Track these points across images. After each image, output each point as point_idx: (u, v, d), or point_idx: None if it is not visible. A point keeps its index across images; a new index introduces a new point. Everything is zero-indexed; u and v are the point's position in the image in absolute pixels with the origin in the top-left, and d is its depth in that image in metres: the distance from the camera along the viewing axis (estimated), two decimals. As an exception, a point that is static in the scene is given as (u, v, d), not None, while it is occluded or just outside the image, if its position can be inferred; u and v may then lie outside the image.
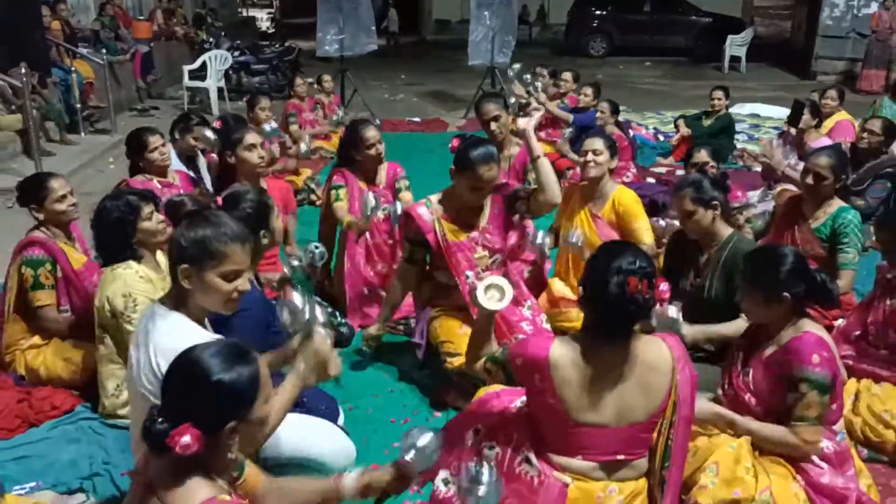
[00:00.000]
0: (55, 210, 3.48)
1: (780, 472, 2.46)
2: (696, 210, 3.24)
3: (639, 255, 2.11)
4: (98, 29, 11.23)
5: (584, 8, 19.03)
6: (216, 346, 1.70)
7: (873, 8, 13.99)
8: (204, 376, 1.62)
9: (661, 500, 2.21)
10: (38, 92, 7.94)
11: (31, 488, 2.83)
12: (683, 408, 2.15)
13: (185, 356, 1.68)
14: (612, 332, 2.15)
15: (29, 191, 3.51)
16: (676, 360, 2.16)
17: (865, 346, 3.25)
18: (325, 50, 11.14)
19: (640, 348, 2.16)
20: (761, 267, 2.58)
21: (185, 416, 1.57)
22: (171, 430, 1.55)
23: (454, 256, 3.39)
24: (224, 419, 1.63)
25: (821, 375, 2.40)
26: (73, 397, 3.36)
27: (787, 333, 2.54)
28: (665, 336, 2.26)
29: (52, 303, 3.45)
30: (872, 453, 3.03)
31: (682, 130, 7.92)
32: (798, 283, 2.51)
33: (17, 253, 3.45)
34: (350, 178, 4.34)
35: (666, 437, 2.18)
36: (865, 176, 5.39)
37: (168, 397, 1.65)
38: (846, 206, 3.77)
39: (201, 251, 2.08)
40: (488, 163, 3.23)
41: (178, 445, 1.54)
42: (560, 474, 2.20)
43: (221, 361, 1.64)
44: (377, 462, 3.01)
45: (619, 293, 2.03)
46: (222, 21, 17.28)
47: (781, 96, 12.34)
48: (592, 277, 2.12)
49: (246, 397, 1.66)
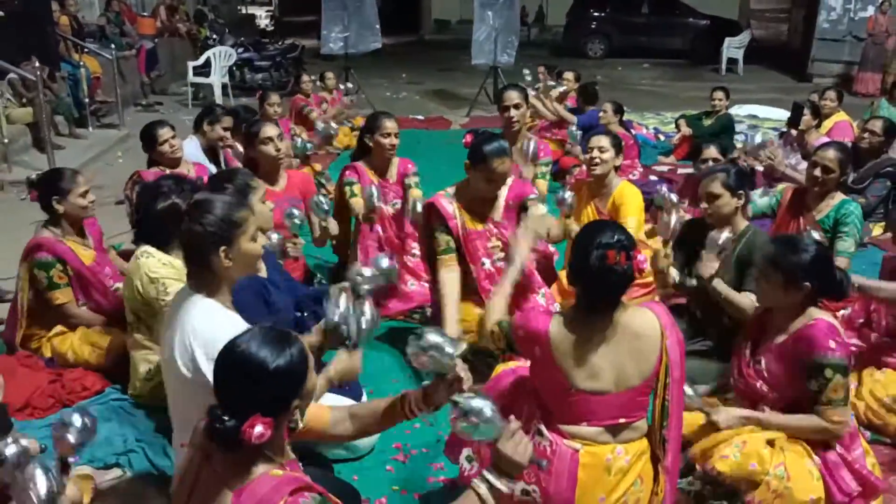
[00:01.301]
0: (77, 204, 3.54)
1: (795, 450, 2.56)
2: (723, 195, 3.32)
3: (617, 230, 2.27)
4: (104, 24, 11.32)
5: (583, 9, 19.14)
6: (258, 335, 1.72)
7: (870, 11, 14.14)
8: (262, 368, 1.65)
9: (663, 457, 2.35)
10: (48, 86, 8.01)
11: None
12: (675, 369, 2.29)
13: (234, 352, 1.69)
14: (599, 304, 2.29)
15: (53, 183, 3.54)
16: (664, 326, 2.30)
17: (868, 333, 3.39)
18: (330, 48, 11.21)
19: (628, 318, 2.30)
20: (788, 251, 2.65)
21: (252, 409, 1.62)
22: (240, 424, 1.60)
23: (472, 244, 3.57)
24: (288, 401, 1.71)
25: (840, 359, 2.53)
26: (103, 380, 3.45)
27: (798, 322, 2.64)
28: (651, 305, 2.41)
29: (71, 300, 3.54)
30: (875, 435, 3.18)
31: (684, 130, 8.04)
32: (819, 275, 2.61)
33: (26, 256, 3.51)
34: (361, 171, 4.44)
35: (662, 398, 2.32)
36: (866, 175, 5.52)
37: (228, 394, 1.67)
38: (848, 198, 3.91)
39: (228, 226, 2.20)
40: (500, 156, 3.40)
41: (253, 438, 1.59)
42: (570, 441, 2.33)
43: (272, 349, 1.68)
44: (399, 441, 3.17)
45: (599, 265, 2.19)
46: (223, 18, 17.35)
47: (778, 98, 12.50)
48: (576, 253, 2.29)
49: (301, 375, 1.73)
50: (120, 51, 10.60)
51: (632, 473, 2.33)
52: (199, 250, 2.21)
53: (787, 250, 2.66)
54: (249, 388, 1.66)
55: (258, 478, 1.67)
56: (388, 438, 3.11)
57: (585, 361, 2.27)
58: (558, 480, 2.30)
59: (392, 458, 3.08)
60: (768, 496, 2.48)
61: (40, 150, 7.44)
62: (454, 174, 4.95)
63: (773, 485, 2.47)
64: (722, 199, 3.33)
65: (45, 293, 3.49)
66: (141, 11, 13.56)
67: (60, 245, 3.51)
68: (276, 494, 1.63)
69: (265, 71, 12.89)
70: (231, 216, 2.22)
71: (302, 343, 1.77)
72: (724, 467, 2.51)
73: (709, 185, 3.37)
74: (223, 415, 1.63)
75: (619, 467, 2.31)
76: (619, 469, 2.31)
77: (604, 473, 2.30)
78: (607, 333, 2.28)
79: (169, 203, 3.08)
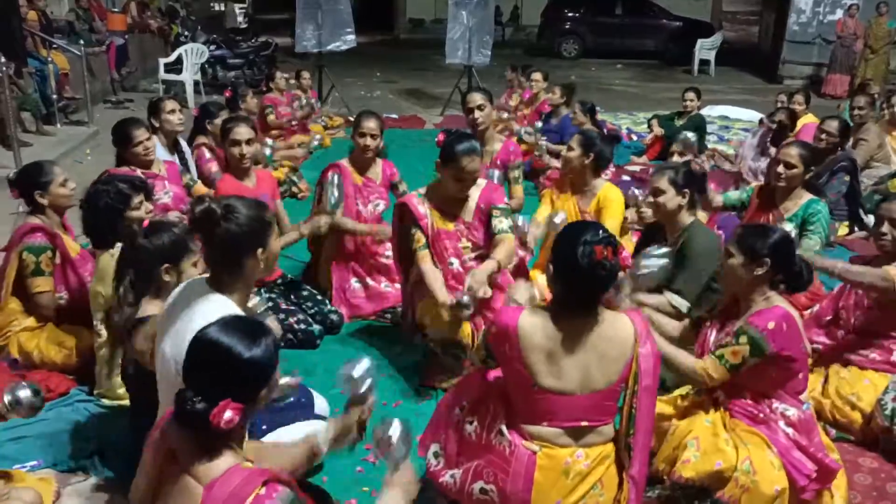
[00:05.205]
0: (59, 194, 3.54)
1: (755, 442, 2.60)
2: (667, 191, 3.42)
3: (600, 228, 2.30)
4: (72, 20, 11.15)
5: (557, 10, 19.27)
6: (232, 324, 1.75)
7: (838, 15, 14.39)
8: (236, 356, 1.69)
9: (628, 464, 2.35)
10: (15, 82, 7.87)
11: (31, 467, 2.87)
12: (645, 378, 2.29)
13: (208, 339, 1.72)
14: (580, 303, 2.29)
15: (33, 177, 3.53)
16: (639, 334, 2.31)
17: (835, 331, 3.43)
18: (304, 45, 11.12)
19: (603, 321, 2.31)
20: (752, 233, 2.70)
21: (223, 394, 1.65)
22: (211, 408, 1.63)
23: (441, 243, 3.58)
24: (259, 388, 1.74)
25: (762, 338, 2.55)
26: (68, 380, 3.41)
27: (758, 307, 2.66)
28: (629, 312, 2.41)
29: (50, 289, 3.51)
30: (840, 433, 3.22)
31: (656, 130, 8.11)
32: (779, 254, 2.64)
33: (19, 238, 3.47)
34: (344, 169, 4.39)
35: (630, 406, 2.32)
36: (822, 171, 5.59)
37: (199, 378, 1.70)
38: (816, 198, 3.96)
39: (263, 228, 2.24)
40: (471, 155, 3.43)
41: (222, 422, 1.63)
42: (529, 443, 2.34)
43: (246, 339, 1.71)
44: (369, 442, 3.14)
45: (588, 262, 2.20)
46: (195, 15, 17.17)
47: (749, 99, 12.67)
48: (562, 252, 2.29)
49: (272, 366, 1.77)
50: (89, 46, 10.44)
51: (591, 478, 2.34)
52: (235, 251, 2.22)
53: (751, 231, 2.73)
54: (223, 374, 1.69)
55: (229, 469, 1.68)
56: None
57: (552, 360, 2.28)
58: (515, 481, 2.31)
59: (362, 458, 3.06)
60: (737, 491, 2.51)
61: (7, 146, 7.29)
62: (429, 173, 4.97)
63: (740, 480, 2.50)
64: (666, 194, 3.42)
65: (27, 279, 3.45)
66: (111, 7, 13.36)
67: (55, 231, 3.51)
68: (249, 485, 1.65)
69: (238, 68, 12.78)
70: (263, 219, 2.25)
71: (274, 335, 1.80)
72: (689, 472, 2.53)
73: (656, 179, 3.47)
74: (194, 397, 1.66)
75: (578, 471, 2.32)
76: (578, 473, 2.32)
77: (561, 476, 2.31)
78: (580, 334, 2.28)
79: (103, 203, 3.17)
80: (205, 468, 1.69)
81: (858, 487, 2.94)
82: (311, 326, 3.94)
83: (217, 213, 2.15)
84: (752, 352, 2.56)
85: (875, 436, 3.17)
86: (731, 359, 2.59)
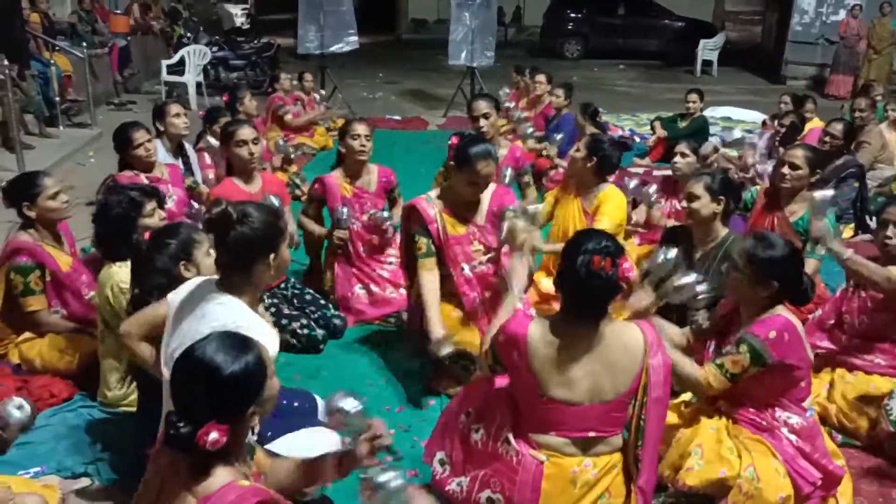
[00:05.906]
0: (47, 207, 3.45)
1: (760, 450, 2.58)
2: (703, 196, 3.39)
3: (604, 238, 2.27)
4: (75, 22, 11.15)
5: (560, 10, 19.23)
6: (215, 341, 1.72)
7: (841, 15, 14.36)
8: (217, 374, 1.66)
9: (636, 475, 2.34)
10: (18, 84, 7.87)
11: (35, 473, 2.87)
12: (655, 390, 2.28)
13: (191, 357, 1.70)
14: (584, 312, 2.28)
15: (20, 188, 3.47)
16: (649, 344, 2.29)
17: (839, 335, 3.41)
18: (307, 47, 11.12)
19: (612, 331, 2.29)
20: (762, 247, 2.65)
21: (207, 415, 1.63)
22: (196, 430, 1.61)
23: (452, 249, 3.53)
24: (244, 407, 1.71)
25: (763, 348, 2.53)
26: (71, 387, 3.40)
27: (760, 316, 2.64)
28: (640, 322, 2.39)
29: (44, 307, 3.47)
30: (846, 438, 3.20)
31: (658, 132, 8.09)
32: (787, 276, 2.62)
33: (6, 258, 3.42)
34: (330, 185, 4.33)
35: (638, 417, 2.31)
36: (830, 177, 5.57)
37: (183, 399, 1.69)
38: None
39: (276, 234, 2.26)
40: (486, 159, 3.39)
41: (207, 444, 1.60)
42: (536, 452, 2.33)
43: (228, 355, 1.68)
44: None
45: (585, 271, 2.19)
46: (197, 17, 17.16)
47: (752, 100, 12.64)
48: (564, 259, 2.28)
49: (258, 381, 1.74)
50: (92, 49, 10.44)
51: (598, 487, 2.33)
52: (247, 255, 2.22)
53: (762, 246, 2.65)
54: (205, 393, 1.66)
55: (225, 487, 1.67)
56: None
57: (561, 370, 2.26)
58: (522, 490, 2.31)
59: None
60: (740, 498, 2.49)
61: (9, 149, 7.29)
62: (431, 175, 4.96)
63: (744, 487, 2.49)
64: (701, 200, 3.39)
65: (18, 298, 3.41)
66: (114, 9, 13.37)
67: (40, 250, 3.44)
68: None
69: (240, 70, 12.77)
70: (277, 225, 2.26)
71: (260, 350, 1.78)
72: (693, 481, 2.52)
73: (692, 184, 3.44)
74: (178, 421, 1.64)
75: (585, 480, 2.31)
76: (585, 482, 2.31)
77: (568, 485, 2.30)
78: (588, 344, 2.26)
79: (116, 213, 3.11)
80: (200, 486, 1.68)
81: (864, 493, 2.92)
82: (314, 331, 3.92)
83: (233, 216, 2.16)
84: (753, 361, 2.55)
85: (881, 440, 3.15)
86: (731, 368, 2.57)
